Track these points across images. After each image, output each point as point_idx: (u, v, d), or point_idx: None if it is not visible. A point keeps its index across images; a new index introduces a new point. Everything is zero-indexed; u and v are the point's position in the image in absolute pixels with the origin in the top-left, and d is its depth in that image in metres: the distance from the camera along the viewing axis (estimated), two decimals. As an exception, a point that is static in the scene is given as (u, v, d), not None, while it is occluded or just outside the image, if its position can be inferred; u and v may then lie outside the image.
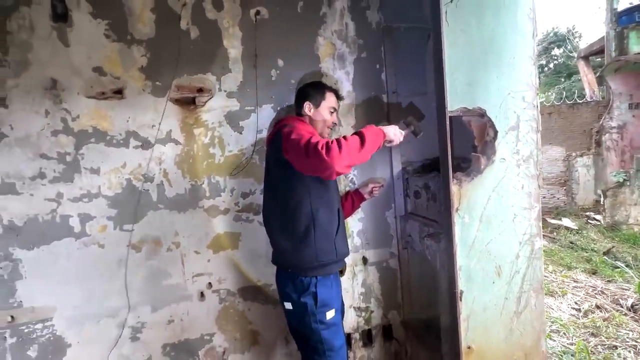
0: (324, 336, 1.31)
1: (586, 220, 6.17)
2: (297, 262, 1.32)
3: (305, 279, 1.31)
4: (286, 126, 1.30)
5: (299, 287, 1.32)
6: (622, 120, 5.88)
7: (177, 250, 1.62)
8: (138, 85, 1.53)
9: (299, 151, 1.16)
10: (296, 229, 1.30)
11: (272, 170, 1.39)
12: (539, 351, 1.49)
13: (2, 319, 1.44)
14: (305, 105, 1.44)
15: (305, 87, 1.50)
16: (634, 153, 5.62)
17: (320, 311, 1.31)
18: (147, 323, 1.59)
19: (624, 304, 3.14)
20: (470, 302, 1.41)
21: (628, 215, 5.54)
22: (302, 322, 1.33)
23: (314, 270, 1.32)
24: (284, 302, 1.38)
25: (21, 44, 1.41)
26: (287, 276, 1.36)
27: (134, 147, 1.54)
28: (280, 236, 1.36)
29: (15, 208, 1.43)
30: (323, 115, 1.45)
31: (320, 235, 1.30)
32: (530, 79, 1.42)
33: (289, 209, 1.31)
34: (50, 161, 1.46)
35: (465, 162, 1.46)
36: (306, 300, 1.30)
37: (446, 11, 1.28)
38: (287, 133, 1.24)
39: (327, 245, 1.31)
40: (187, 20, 1.57)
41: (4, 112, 1.40)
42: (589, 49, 8.57)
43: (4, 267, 1.43)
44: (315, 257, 1.30)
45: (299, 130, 1.24)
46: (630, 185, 5.53)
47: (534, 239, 1.46)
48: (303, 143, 1.15)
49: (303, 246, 1.30)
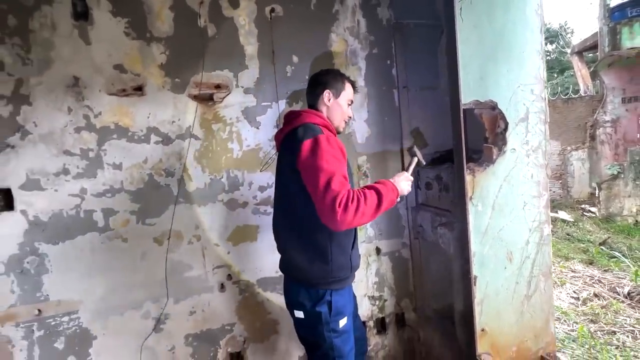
0: (335, 344, 1.25)
1: (582, 213, 6.32)
2: (312, 277, 1.24)
3: (321, 290, 1.24)
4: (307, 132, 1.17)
5: (314, 296, 1.24)
6: (616, 114, 6.02)
7: (198, 243, 1.66)
8: (158, 82, 1.57)
9: (316, 188, 1.08)
10: (312, 244, 1.22)
11: (286, 178, 1.25)
12: (548, 332, 1.56)
13: (30, 312, 1.47)
14: (325, 93, 1.30)
15: (324, 75, 1.34)
16: (628, 146, 5.77)
17: (334, 320, 1.25)
18: (170, 314, 1.63)
19: (621, 291, 3.25)
20: (484, 286, 1.47)
21: (622, 207, 5.69)
22: (314, 331, 1.26)
23: (329, 285, 1.24)
24: (295, 311, 1.29)
25: (43, 42, 1.43)
26: (301, 286, 1.27)
27: (155, 142, 1.58)
28: (294, 249, 1.26)
29: (40, 203, 1.46)
30: (342, 106, 1.33)
31: (336, 251, 1.22)
32: (539, 72, 1.48)
33: (304, 222, 1.21)
34: (73, 157, 1.49)
35: (477, 153, 1.52)
36: (321, 309, 1.23)
37: (461, 7, 1.34)
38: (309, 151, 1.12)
39: (344, 261, 1.25)
40: (205, 18, 1.60)
41: (28, 110, 1.43)
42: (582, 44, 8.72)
43: (31, 262, 1.47)
44: (330, 272, 1.23)
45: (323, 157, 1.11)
46: (624, 177, 5.67)
47: (542, 225, 1.53)
48: (323, 184, 1.07)
49: (319, 262, 1.22)
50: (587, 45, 8.39)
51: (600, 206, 5.87)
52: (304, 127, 1.20)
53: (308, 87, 1.36)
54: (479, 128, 1.49)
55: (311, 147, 1.13)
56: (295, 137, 1.19)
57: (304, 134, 1.17)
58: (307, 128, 1.20)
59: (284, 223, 1.31)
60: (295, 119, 1.28)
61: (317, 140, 1.14)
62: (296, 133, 1.20)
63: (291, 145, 1.20)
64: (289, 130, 1.27)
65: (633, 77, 5.79)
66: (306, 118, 1.25)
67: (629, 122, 5.87)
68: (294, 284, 1.29)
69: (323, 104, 1.32)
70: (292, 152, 1.17)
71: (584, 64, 8.97)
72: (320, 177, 1.08)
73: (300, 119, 1.25)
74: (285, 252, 1.32)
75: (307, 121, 1.24)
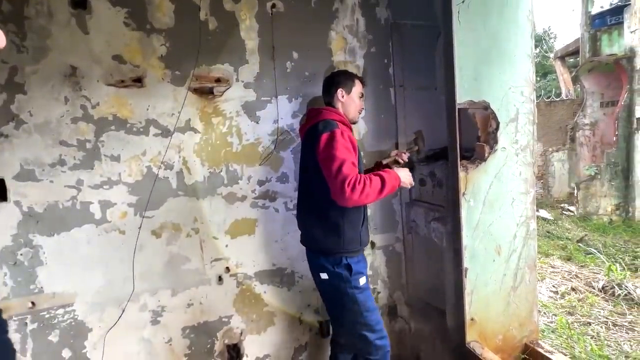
0: (359, 299, 1.44)
1: (561, 211, 6.60)
2: (327, 247, 1.47)
3: (337, 257, 1.46)
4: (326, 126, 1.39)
5: (333, 261, 1.46)
6: (594, 118, 6.29)
7: (196, 236, 1.66)
8: (158, 74, 1.56)
9: (330, 172, 1.31)
10: (328, 220, 1.45)
11: (308, 166, 1.49)
12: (531, 321, 1.66)
13: (23, 305, 1.45)
14: (338, 92, 1.52)
15: (335, 76, 1.58)
16: (604, 148, 6.05)
17: (354, 278, 1.45)
18: (167, 306, 1.64)
19: (596, 285, 3.43)
20: (474, 278, 1.55)
21: (598, 206, 5.98)
22: (338, 289, 1.46)
23: (342, 254, 1.46)
24: (320, 274, 1.49)
25: (39, 30, 1.40)
26: (321, 254, 1.49)
27: (154, 135, 1.57)
28: (312, 225, 1.51)
29: (35, 195, 1.44)
30: (355, 100, 1.55)
31: (347, 226, 1.44)
32: (529, 75, 1.56)
33: (320, 202, 1.43)
34: (70, 148, 1.47)
35: (469, 151, 1.59)
36: (340, 270, 1.44)
37: (458, 11, 1.39)
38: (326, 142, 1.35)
39: (354, 235, 1.46)
40: (206, 11, 1.60)
41: (23, 99, 1.40)
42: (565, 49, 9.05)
43: (25, 254, 1.44)
44: (342, 245, 1.45)
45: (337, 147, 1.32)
46: (601, 178, 5.96)
47: (529, 220, 1.62)
48: (335, 169, 1.29)
49: (333, 235, 1.45)
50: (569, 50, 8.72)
51: (578, 205, 6.15)
52: (323, 122, 1.42)
53: (323, 87, 1.58)
54: (472, 127, 1.56)
55: (328, 139, 1.36)
56: (316, 131, 1.40)
57: (323, 128, 1.39)
58: (326, 123, 1.42)
59: (304, 204, 1.56)
60: (316, 115, 1.50)
61: (333, 133, 1.36)
62: (317, 127, 1.41)
63: (312, 137, 1.42)
64: (311, 125, 1.48)
65: (611, 83, 6.07)
66: (325, 115, 1.47)
67: (606, 126, 6.15)
68: (315, 253, 1.52)
69: (338, 101, 1.54)
70: (313, 144, 1.40)
71: (566, 69, 9.33)
72: (334, 163, 1.31)
73: (321, 116, 1.47)
74: (305, 228, 1.58)
75: (326, 117, 1.45)
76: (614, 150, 5.89)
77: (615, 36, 6.20)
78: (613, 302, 3.08)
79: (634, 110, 5.68)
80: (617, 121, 5.82)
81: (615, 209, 5.93)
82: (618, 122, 5.81)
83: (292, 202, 1.81)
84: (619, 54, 5.84)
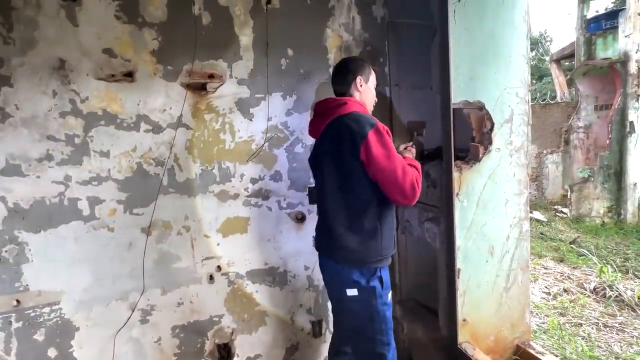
0: (387, 316, 1.35)
1: (554, 213, 6.65)
2: (364, 257, 1.32)
3: (372, 267, 1.33)
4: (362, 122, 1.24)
5: (367, 274, 1.32)
6: (589, 121, 6.35)
7: (187, 234, 1.64)
8: (149, 68, 1.53)
9: (394, 175, 1.22)
10: (365, 226, 1.30)
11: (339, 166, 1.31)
12: (523, 323, 1.66)
13: (7, 303, 1.41)
14: (358, 79, 1.36)
15: (352, 63, 1.41)
16: (598, 151, 6.10)
17: (385, 293, 1.35)
18: (157, 305, 1.61)
19: (588, 287, 3.46)
20: (467, 279, 1.55)
21: (591, 209, 6.03)
22: (368, 306, 1.33)
23: (379, 262, 1.34)
24: (347, 290, 1.34)
25: (27, 21, 1.37)
26: (352, 266, 1.33)
27: (145, 130, 1.54)
28: (345, 232, 1.32)
29: (20, 190, 1.40)
30: (372, 90, 1.43)
31: (386, 231, 1.33)
32: (524, 76, 1.56)
33: (358, 207, 1.30)
34: (58, 143, 1.44)
35: (463, 151, 1.59)
36: (374, 284, 1.32)
37: (454, 10, 1.38)
38: (377, 142, 1.21)
39: (390, 238, 1.37)
40: (200, 5, 1.57)
41: (9, 91, 1.36)
42: (560, 52, 9.12)
43: (9, 251, 1.41)
44: (380, 251, 1.33)
45: (390, 147, 1.24)
46: (594, 181, 6.01)
47: (522, 222, 1.62)
48: (400, 172, 1.22)
49: (372, 242, 1.31)
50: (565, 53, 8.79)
51: (572, 207, 6.20)
52: (356, 117, 1.27)
53: (337, 75, 1.41)
54: (466, 127, 1.56)
55: (377, 138, 1.22)
56: (348, 127, 1.25)
57: (362, 125, 1.24)
58: (359, 118, 1.27)
59: (333, 208, 1.35)
60: (338, 107, 1.33)
61: (378, 130, 1.24)
62: (347, 123, 1.26)
63: (343, 134, 1.26)
64: (333, 118, 1.31)
65: (605, 86, 6.12)
66: (351, 107, 1.32)
67: (600, 129, 6.21)
68: (343, 265, 1.34)
69: (356, 90, 1.38)
70: (350, 141, 1.23)
71: (562, 72, 9.40)
72: (395, 164, 1.22)
73: (346, 108, 1.31)
74: (332, 237, 1.35)
75: (353, 110, 1.31)
76: (607, 153, 5.94)
77: (610, 40, 6.26)
78: (604, 304, 3.11)
79: (627, 114, 5.74)
80: (611, 124, 5.87)
81: (607, 211, 5.99)
82: (612, 126, 5.86)
83: (285, 201, 1.79)
84: (614, 58, 5.89)
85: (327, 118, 1.34)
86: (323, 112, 1.38)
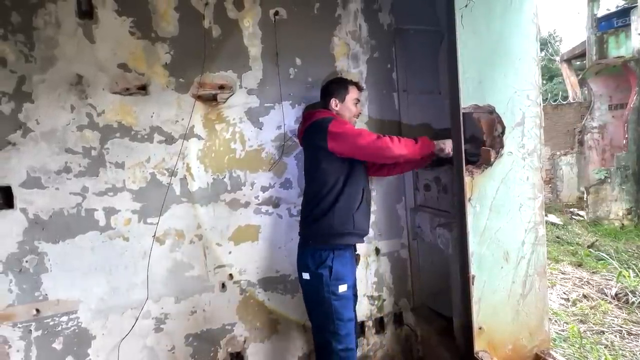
0: (334, 306, 1.47)
1: (570, 216, 6.47)
2: (317, 230, 1.50)
3: (324, 252, 1.48)
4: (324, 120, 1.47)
5: (317, 259, 1.49)
6: (603, 121, 6.20)
7: (200, 243, 1.66)
8: (162, 81, 1.57)
9: (360, 141, 1.40)
10: (323, 202, 1.49)
11: (310, 159, 1.55)
12: (542, 331, 1.61)
13: (28, 312, 1.45)
14: (332, 101, 1.59)
15: (329, 85, 1.62)
16: (614, 152, 5.93)
17: (334, 283, 1.47)
18: (170, 314, 1.63)
19: (609, 293, 3.34)
20: (481, 286, 1.51)
21: (609, 211, 5.84)
22: (317, 291, 1.48)
23: (331, 238, 1.48)
24: (302, 273, 1.53)
25: (47, 40, 1.43)
26: (308, 250, 1.53)
27: (158, 142, 1.58)
28: (310, 209, 1.53)
29: (40, 202, 1.45)
30: (349, 107, 1.60)
31: (341, 207, 1.47)
32: (534, 78, 1.53)
33: (323, 188, 1.49)
34: (75, 155, 1.48)
35: (474, 156, 1.57)
36: (322, 271, 1.47)
37: (462, 15, 1.38)
38: (336, 128, 1.44)
39: (345, 218, 1.49)
40: (210, 19, 1.62)
41: (30, 107, 1.42)
42: (571, 52, 8.98)
43: (30, 261, 1.45)
44: (332, 226, 1.47)
45: (347, 125, 1.48)
46: (611, 182, 5.84)
47: (537, 226, 1.58)
48: (363, 136, 1.40)
49: (325, 217, 1.48)
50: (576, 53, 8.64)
51: (588, 210, 6.02)
52: (320, 120, 1.51)
53: (320, 96, 1.66)
54: (477, 131, 1.54)
55: (336, 124, 1.44)
56: (317, 127, 1.49)
57: (323, 122, 1.48)
58: (324, 118, 1.51)
59: (306, 196, 1.61)
60: (310, 117, 1.58)
61: (336, 118, 1.49)
62: (314, 125, 1.51)
63: (316, 133, 1.48)
64: (308, 125, 1.55)
65: (619, 85, 5.98)
66: (320, 115, 1.56)
67: (615, 129, 6.04)
68: (303, 248, 1.56)
69: (332, 109, 1.60)
70: (320, 137, 1.45)
71: (573, 72, 9.23)
72: (357, 133, 1.43)
73: (315, 116, 1.56)
74: (304, 214, 1.59)
75: (322, 116, 1.54)
76: (624, 153, 5.77)
77: (622, 38, 6.12)
78: (627, 310, 2.99)
79: (644, 112, 5.58)
80: (627, 124, 5.71)
81: (627, 213, 5.79)
82: (627, 125, 5.70)
83: (295, 208, 1.80)
84: (627, 56, 5.76)
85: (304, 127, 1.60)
86: (302, 122, 1.66)
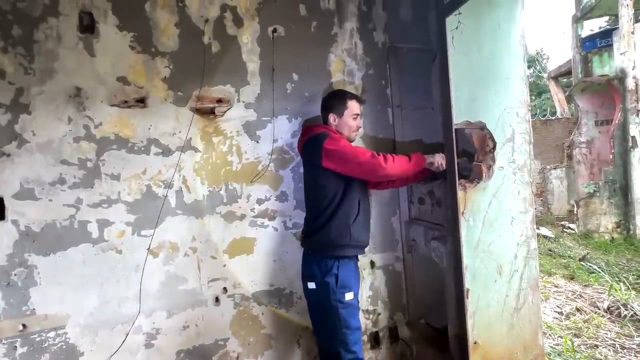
0: (342, 314, 1.46)
1: (562, 229, 6.55)
2: (319, 242, 1.53)
3: (329, 261, 1.50)
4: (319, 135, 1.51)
5: (323, 268, 1.50)
6: (590, 136, 6.38)
7: (194, 256, 1.64)
8: (160, 95, 1.59)
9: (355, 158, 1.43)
10: (322, 215, 1.52)
11: (308, 174, 1.60)
12: (537, 344, 1.61)
13: (13, 328, 1.41)
14: (330, 116, 1.60)
15: (329, 99, 1.64)
16: (602, 166, 6.09)
17: (340, 291, 1.47)
18: (162, 329, 1.59)
19: (601, 306, 3.36)
20: (476, 299, 1.52)
21: (599, 224, 5.95)
22: (323, 300, 1.49)
23: (330, 250, 1.51)
24: (308, 283, 1.54)
25: (47, 53, 1.44)
26: (313, 259, 1.54)
27: (155, 154, 1.59)
28: (311, 222, 1.58)
29: (33, 213, 1.43)
30: (347, 122, 1.61)
31: (338, 220, 1.50)
32: (523, 96, 1.60)
33: (321, 202, 1.53)
34: (70, 167, 1.48)
35: (465, 170, 1.61)
36: (329, 280, 1.47)
37: (452, 36, 1.44)
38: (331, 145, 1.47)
39: (343, 230, 1.51)
40: (209, 35, 1.66)
41: (27, 119, 1.42)
42: (558, 70, 9.31)
43: (19, 274, 1.42)
44: (328, 239, 1.51)
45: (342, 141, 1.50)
46: (600, 196, 5.96)
47: (529, 240, 1.61)
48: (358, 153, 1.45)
49: (323, 229, 1.51)
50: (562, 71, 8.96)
51: (579, 223, 6.11)
52: (316, 134, 1.55)
53: (321, 107, 1.67)
54: (469, 147, 1.58)
55: (329, 141, 1.47)
56: (312, 143, 1.53)
57: (318, 138, 1.51)
58: (319, 134, 1.54)
59: (307, 208, 1.64)
60: (308, 132, 1.62)
61: (331, 136, 1.50)
62: (311, 140, 1.55)
63: (312, 149, 1.53)
64: (305, 139, 1.59)
65: (604, 102, 6.20)
66: (316, 130, 1.59)
67: (602, 144, 6.22)
68: (308, 257, 1.58)
69: (331, 124, 1.62)
70: (315, 154, 1.49)
71: (560, 88, 9.55)
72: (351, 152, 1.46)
73: (313, 131, 1.59)
74: (304, 229, 1.64)
75: (318, 131, 1.56)
76: (611, 168, 5.93)
77: (605, 57, 6.39)
78: (620, 324, 3.01)
79: (629, 128, 5.77)
80: (613, 139, 5.89)
81: (616, 226, 5.90)
82: (614, 141, 5.88)
83: (291, 221, 1.80)
84: (611, 75, 6.00)
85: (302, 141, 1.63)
86: (301, 136, 1.69)
